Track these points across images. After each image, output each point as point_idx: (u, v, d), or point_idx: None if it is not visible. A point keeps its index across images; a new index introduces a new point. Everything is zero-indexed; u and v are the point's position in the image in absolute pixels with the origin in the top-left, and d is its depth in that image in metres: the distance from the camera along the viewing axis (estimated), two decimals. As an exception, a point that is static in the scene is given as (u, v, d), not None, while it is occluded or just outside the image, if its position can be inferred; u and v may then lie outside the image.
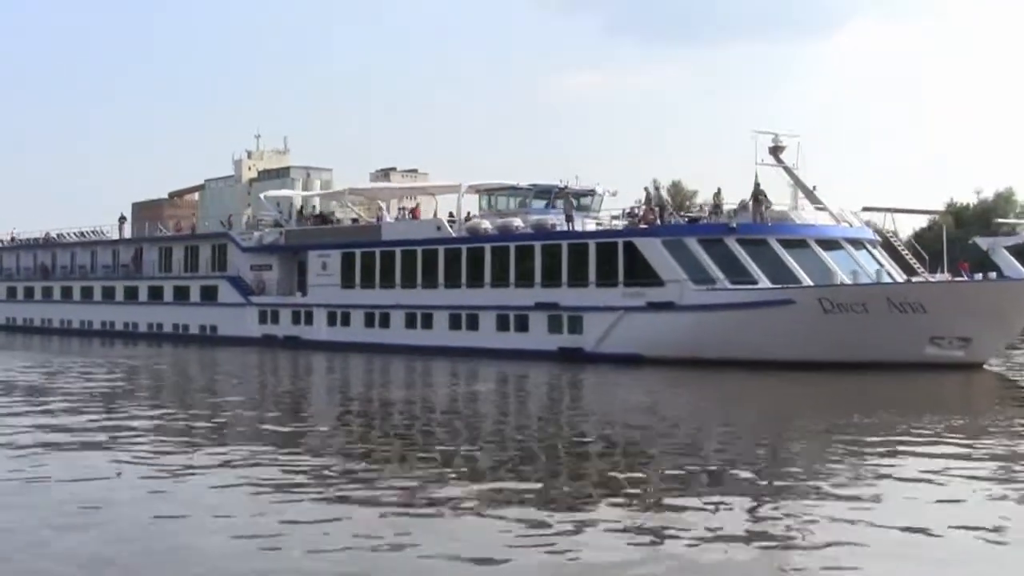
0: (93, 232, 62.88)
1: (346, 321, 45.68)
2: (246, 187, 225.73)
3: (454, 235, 42.48)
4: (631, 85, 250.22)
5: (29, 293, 65.25)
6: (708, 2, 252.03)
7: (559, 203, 42.66)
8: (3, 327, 66.01)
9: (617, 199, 44.39)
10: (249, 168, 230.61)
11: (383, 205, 51.53)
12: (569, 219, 40.07)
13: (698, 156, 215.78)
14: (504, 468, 15.86)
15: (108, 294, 59.14)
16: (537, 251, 39.36)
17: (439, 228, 42.89)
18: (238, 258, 51.45)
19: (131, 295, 57.42)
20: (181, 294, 54.34)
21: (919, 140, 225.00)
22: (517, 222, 40.73)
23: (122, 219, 61.53)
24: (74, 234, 64.58)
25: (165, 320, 54.79)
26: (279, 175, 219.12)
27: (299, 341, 46.93)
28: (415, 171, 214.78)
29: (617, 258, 37.19)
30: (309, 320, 47.18)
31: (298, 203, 52.14)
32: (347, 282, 45.91)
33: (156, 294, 55.84)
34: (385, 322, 44.08)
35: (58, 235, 65.84)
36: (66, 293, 62.34)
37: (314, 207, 51.63)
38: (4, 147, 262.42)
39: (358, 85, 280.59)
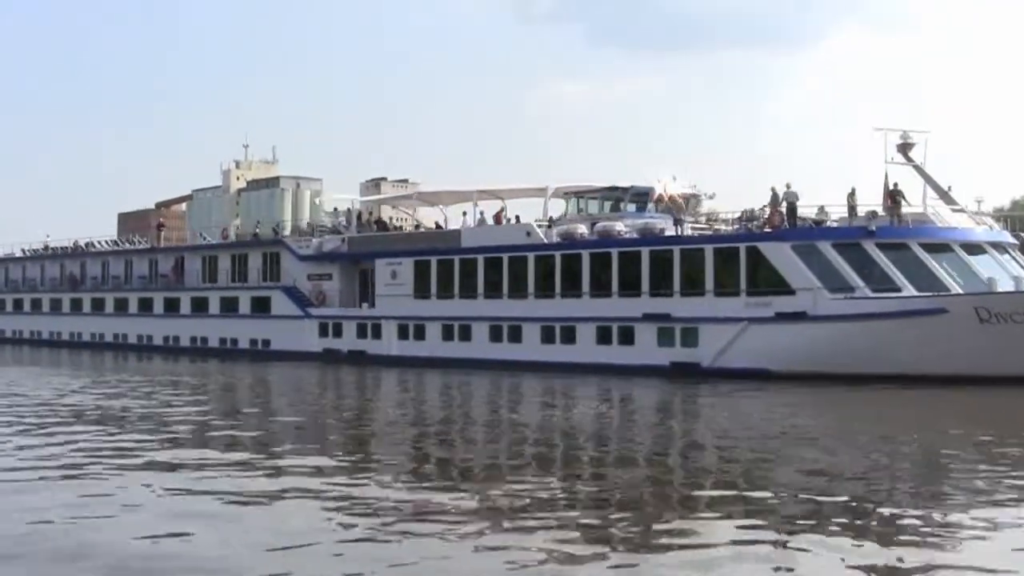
0: (129, 241, 60.50)
1: (420, 334, 43.15)
2: (234, 197, 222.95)
3: (546, 241, 40.09)
4: (616, 94, 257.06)
5: (56, 305, 62.56)
6: (689, 11, 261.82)
7: (650, 206, 40.59)
8: (27, 341, 63.44)
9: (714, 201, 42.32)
10: (237, 178, 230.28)
11: (443, 210, 49.21)
12: (678, 223, 37.75)
13: (684, 163, 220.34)
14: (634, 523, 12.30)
15: (145, 306, 56.49)
16: (644, 257, 36.93)
17: (529, 234, 40.43)
18: (294, 267, 48.94)
19: (172, 307, 54.81)
20: (228, 306, 51.76)
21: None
22: (619, 226, 38.36)
23: (160, 226, 59.03)
24: (107, 242, 62.17)
25: (210, 334, 52.17)
26: (268, 185, 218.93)
27: (365, 356, 44.37)
28: (406, 181, 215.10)
29: (739, 264, 34.78)
30: (377, 333, 44.64)
31: (356, 208, 49.49)
32: (421, 292, 43.43)
33: (200, 306, 53.25)
34: (466, 335, 41.56)
35: (87, 243, 63.45)
36: (97, 305, 59.66)
37: (371, 212, 49.24)
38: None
39: (345, 96, 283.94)
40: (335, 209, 49.97)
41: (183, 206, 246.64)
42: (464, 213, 44.77)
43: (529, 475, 15.74)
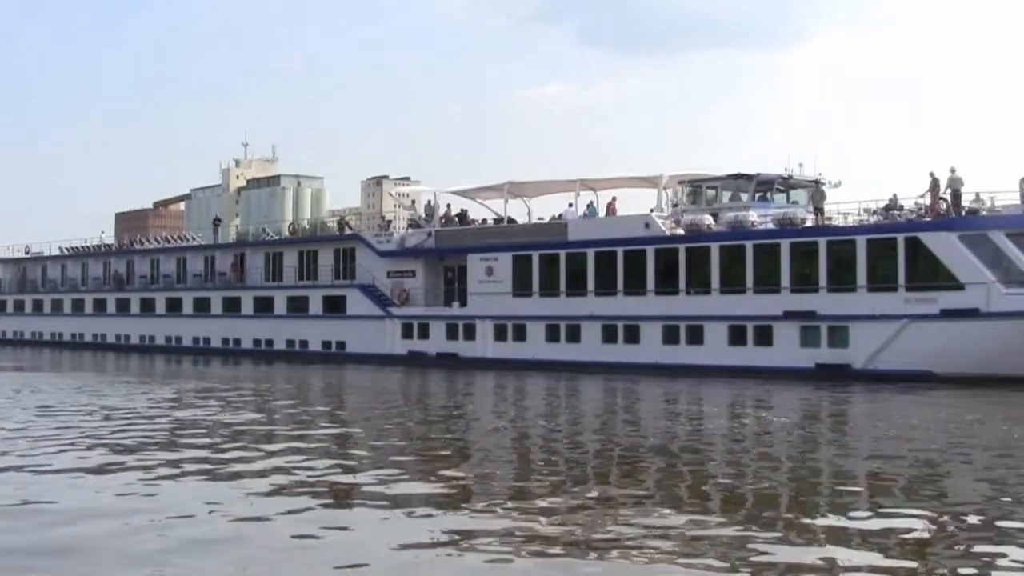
0: (180, 238, 58.46)
1: (520, 335, 40.92)
2: (234, 196, 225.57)
3: (667, 233, 37.94)
4: (604, 94, 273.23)
5: (100, 306, 60.37)
6: (677, 12, 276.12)
7: (770, 195, 38.57)
8: (68, 344, 61.18)
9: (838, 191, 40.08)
10: (237, 177, 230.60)
11: (526, 202, 46.97)
12: (819, 212, 35.61)
13: (673, 161, 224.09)
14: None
15: (201, 306, 54.26)
16: (784, 250, 34.72)
17: (648, 225, 38.24)
18: (372, 264, 46.74)
19: (231, 307, 52.63)
20: (296, 306, 49.60)
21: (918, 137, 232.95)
22: (752, 216, 36.22)
23: (217, 221, 56.90)
24: (156, 239, 60.12)
25: (276, 335, 49.93)
26: (268, 183, 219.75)
27: (457, 359, 42.19)
28: (407, 179, 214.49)
29: (896, 257, 32.57)
30: (470, 334, 42.41)
31: (437, 201, 47.14)
32: (521, 289, 41.22)
33: (264, 306, 51.06)
34: (574, 336, 39.32)
35: (136, 240, 61.44)
36: (147, 306, 57.41)
37: (448, 205, 47.00)
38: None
39: (342, 95, 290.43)
40: (413, 202, 47.74)
41: (181, 205, 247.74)
42: (570, 204, 42.51)
43: (695, 511, 12.51)
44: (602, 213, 41.71)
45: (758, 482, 14.62)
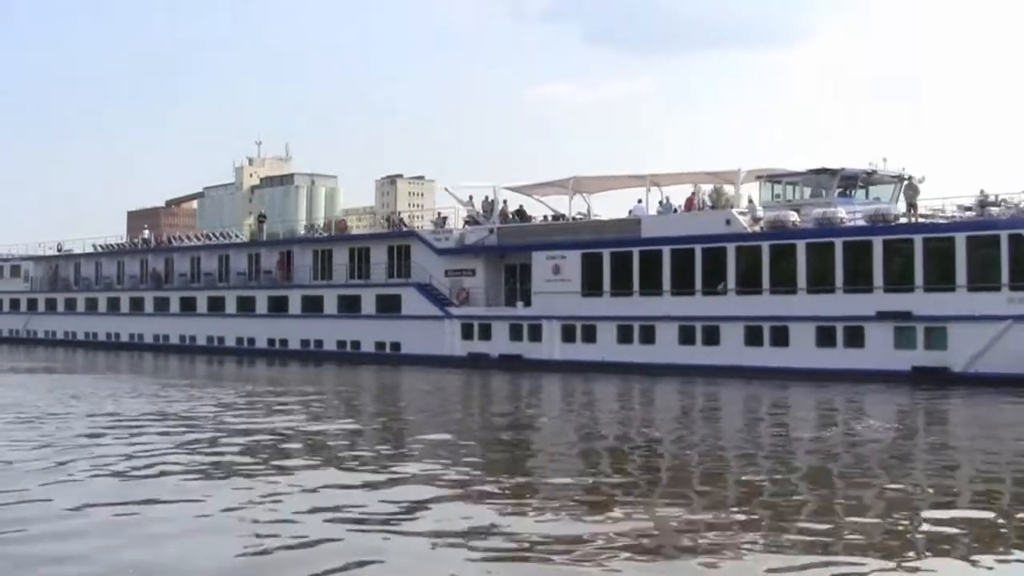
0: (221, 235, 57.78)
1: (589, 336, 40.07)
2: (247, 194, 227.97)
3: (749, 230, 37.10)
4: (608, 93, 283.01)
5: (137, 305, 59.64)
6: (680, 12, 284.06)
7: (852, 191, 37.81)
8: (103, 345, 60.46)
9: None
10: (251, 175, 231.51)
11: (586, 198, 46.06)
12: (912, 208, 34.77)
13: (673, 161, 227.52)
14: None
15: (246, 305, 53.50)
16: (877, 247, 33.83)
17: (728, 222, 37.41)
18: (429, 261, 45.95)
19: (278, 307, 51.86)
20: (348, 305, 48.80)
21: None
22: (841, 213, 35.37)
23: (261, 218, 56.13)
24: (198, 236, 59.43)
25: (326, 336, 49.11)
26: (282, 182, 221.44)
27: (521, 361, 41.35)
28: (422, 178, 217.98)
29: (999, 255, 31.73)
30: (536, 335, 41.56)
31: (495, 196, 46.27)
32: (591, 289, 40.38)
33: (313, 305, 50.27)
34: (648, 337, 38.47)
35: (175, 237, 60.76)
36: (187, 305, 56.69)
37: (505, 202, 46.18)
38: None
39: (353, 94, 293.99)
40: (470, 198, 46.95)
41: (194, 204, 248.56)
42: (640, 200, 41.69)
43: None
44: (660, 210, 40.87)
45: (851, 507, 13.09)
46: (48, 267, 67.39)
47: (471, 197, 47.23)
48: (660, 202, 41.43)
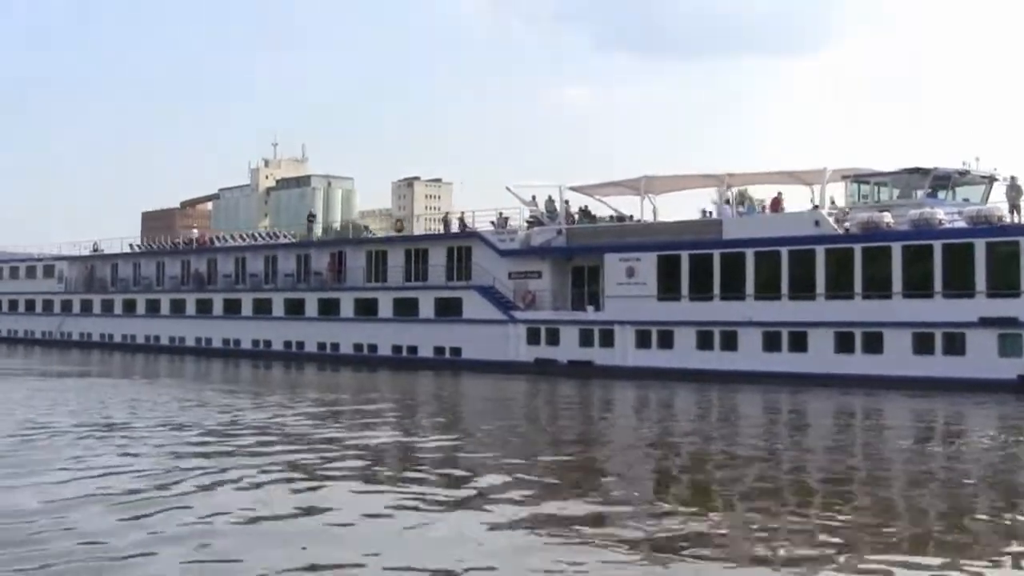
0: (271, 235, 57.13)
1: (666, 342, 39.22)
2: (263, 196, 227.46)
3: (839, 232, 36.30)
4: (620, 98, 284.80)
5: (178, 307, 58.99)
6: (691, 17, 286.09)
7: (943, 192, 37.06)
8: (141, 348, 59.77)
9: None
10: (266, 177, 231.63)
11: (651, 199, 45.15)
12: (1015, 209, 33.96)
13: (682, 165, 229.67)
14: None
15: (294, 308, 52.81)
16: (980, 251, 32.98)
17: (818, 223, 36.63)
18: (492, 263, 45.17)
19: (328, 310, 51.11)
20: (404, 308, 48.04)
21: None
22: (940, 214, 34.58)
23: (311, 217, 55.43)
24: (243, 236, 58.80)
25: (380, 340, 48.33)
26: (299, 184, 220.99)
27: (592, 367, 40.52)
28: (439, 180, 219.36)
29: (1118, 258, 30.94)
30: (607, 341, 40.72)
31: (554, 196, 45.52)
32: (667, 292, 39.57)
33: (367, 308, 49.51)
34: (730, 343, 37.62)
35: (218, 237, 60.15)
36: (231, 307, 56.02)
37: (566, 202, 45.44)
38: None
39: (366, 97, 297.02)
40: (533, 198, 46.17)
41: (209, 205, 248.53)
42: (727, 201, 40.76)
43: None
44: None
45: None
46: (83, 267, 66.71)
47: (534, 197, 46.48)
48: (741, 202, 40.59)
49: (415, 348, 46.95)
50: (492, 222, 47.36)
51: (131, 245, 64.44)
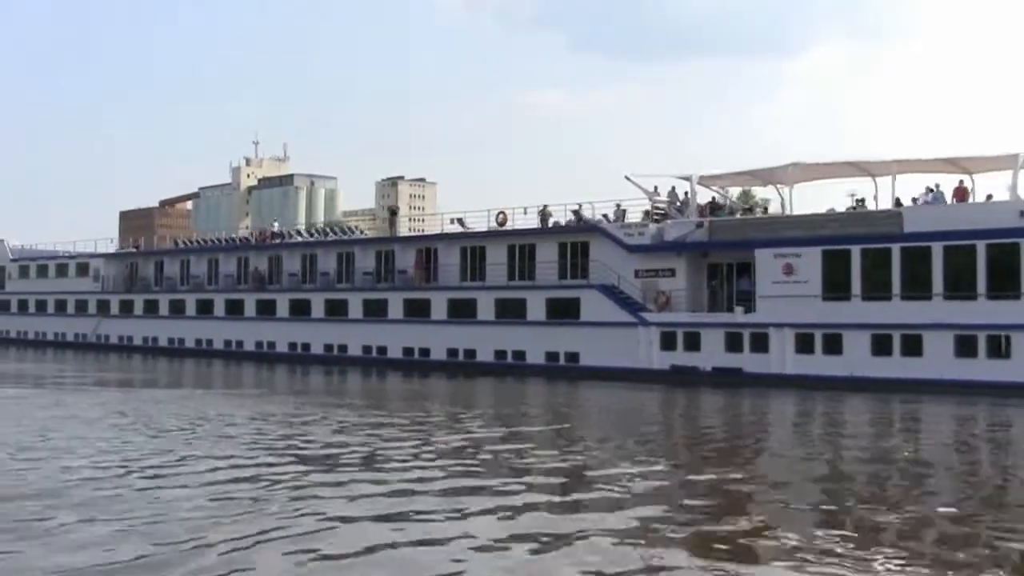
0: (344, 230, 54.13)
1: (833, 347, 36.15)
2: (244, 195, 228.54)
3: (1046, 223, 33.42)
4: (596, 100, 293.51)
5: (235, 308, 55.82)
6: (667, 20, 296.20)
7: None
8: (189, 352, 56.53)
9: None
10: (248, 176, 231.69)
11: (779, 190, 42.44)
12: None
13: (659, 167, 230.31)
14: None
15: (374, 310, 49.82)
16: None
17: (1022, 213, 33.80)
18: (616, 260, 42.12)
19: (417, 311, 47.95)
20: (508, 310, 44.92)
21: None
22: None
23: (393, 210, 52.35)
24: (310, 232, 55.82)
25: (481, 345, 45.20)
26: (281, 183, 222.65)
27: (741, 375, 37.51)
28: (423, 180, 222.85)
29: None
30: (760, 346, 37.63)
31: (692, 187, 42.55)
32: (834, 291, 36.55)
33: (462, 310, 46.42)
34: (913, 348, 34.65)
35: (282, 232, 57.10)
36: (298, 308, 53.04)
37: (686, 194, 42.53)
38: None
39: (346, 98, 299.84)
40: (655, 188, 43.20)
41: (188, 204, 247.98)
42: (930, 190, 37.59)
43: None
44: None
45: None
46: (124, 265, 63.49)
47: (656, 188, 43.62)
48: (928, 190, 37.69)
49: (522, 354, 43.80)
50: (605, 216, 44.58)
51: (179, 241, 61.31)
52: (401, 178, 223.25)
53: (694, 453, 19.77)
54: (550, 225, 45.99)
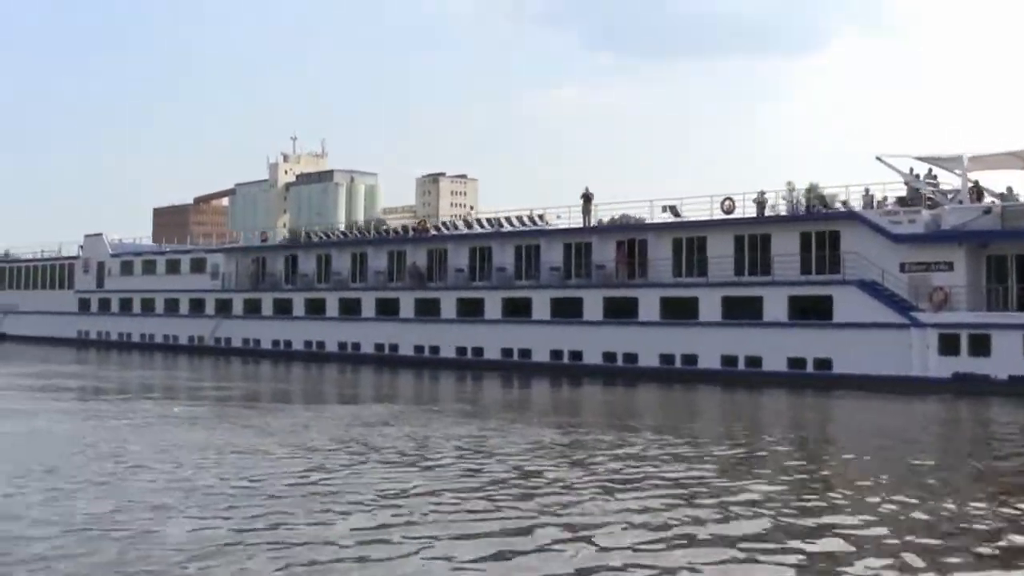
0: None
1: None
2: (282, 192, 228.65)
3: None
4: (607, 98, 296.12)
5: (387, 308, 52.79)
6: (681, 19, 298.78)
7: None
8: (330, 356, 53.56)
9: None
10: (285, 172, 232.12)
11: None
12: None
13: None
14: None
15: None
16: None
17: None
18: (875, 252, 38.88)
19: (618, 310, 44.58)
20: (740, 308, 41.54)
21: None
22: None
23: (588, 197, 48.95)
24: (480, 222, 52.90)
25: (704, 349, 41.78)
26: (320, 179, 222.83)
27: (1049, 385, 34.10)
28: (464, 176, 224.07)
29: None
30: (1077, 349, 34.37)
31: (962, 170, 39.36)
32: None
33: (677, 311, 43.05)
34: None
35: (447, 223, 54.32)
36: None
37: (927, 171, 39.46)
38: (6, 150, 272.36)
39: (373, 95, 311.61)
40: (911, 170, 39.92)
41: (224, 201, 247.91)
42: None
43: None
44: None
45: None
46: (249, 261, 60.56)
47: (912, 170, 40.45)
48: None
49: (758, 360, 40.47)
50: (843, 203, 41.56)
51: (318, 234, 58.63)
52: (442, 174, 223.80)
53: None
54: (766, 214, 42.86)
